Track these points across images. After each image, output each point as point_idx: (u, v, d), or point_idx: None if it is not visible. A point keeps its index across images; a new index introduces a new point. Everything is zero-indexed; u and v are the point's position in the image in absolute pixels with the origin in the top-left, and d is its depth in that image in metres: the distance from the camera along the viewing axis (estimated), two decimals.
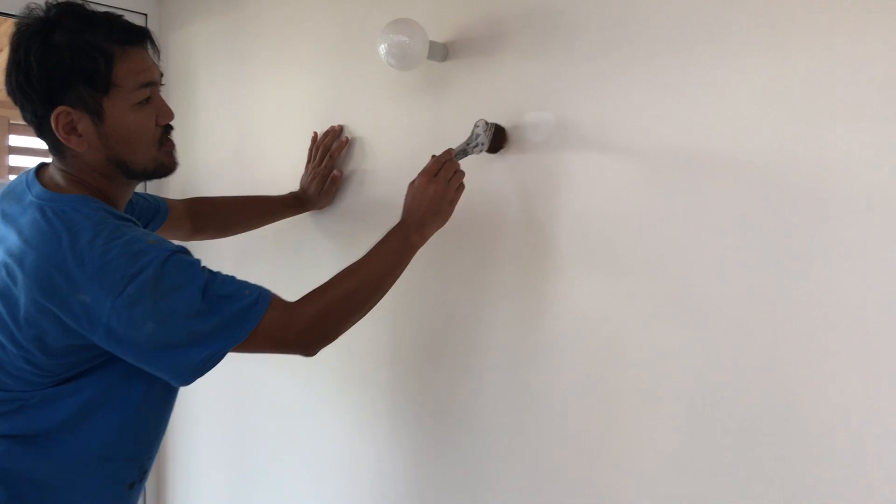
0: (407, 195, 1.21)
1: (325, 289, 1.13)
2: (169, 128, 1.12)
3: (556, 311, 1.21)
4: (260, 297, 1.05)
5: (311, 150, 1.59)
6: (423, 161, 1.41)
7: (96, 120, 1.03)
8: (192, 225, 1.52)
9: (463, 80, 1.36)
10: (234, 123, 1.90)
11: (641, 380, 1.10)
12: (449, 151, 1.24)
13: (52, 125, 1.01)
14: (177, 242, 1.07)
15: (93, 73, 1.00)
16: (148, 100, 1.07)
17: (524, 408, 1.26)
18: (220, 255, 1.90)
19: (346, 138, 1.55)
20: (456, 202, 1.21)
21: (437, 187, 1.17)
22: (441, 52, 1.36)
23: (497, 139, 1.26)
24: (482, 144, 1.25)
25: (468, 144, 1.25)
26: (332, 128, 1.56)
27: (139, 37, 1.05)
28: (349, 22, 1.57)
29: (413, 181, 1.21)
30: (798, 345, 0.94)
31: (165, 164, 1.14)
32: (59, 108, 1.00)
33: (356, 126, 1.56)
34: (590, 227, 1.17)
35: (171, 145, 1.14)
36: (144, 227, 1.39)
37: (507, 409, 1.28)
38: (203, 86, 2.01)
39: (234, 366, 1.88)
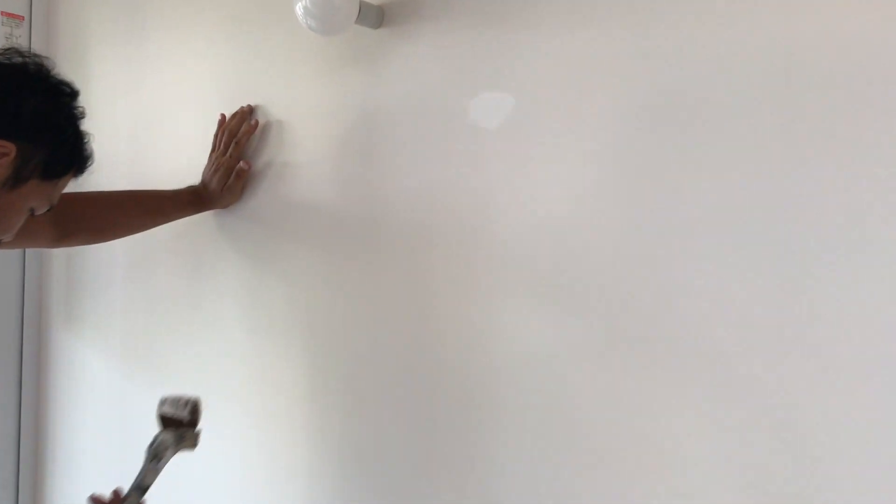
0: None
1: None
2: None
3: (498, 348, 0.96)
4: None
5: (216, 136, 1.29)
6: (351, 152, 1.16)
7: (9, 183, 0.93)
8: (58, 231, 1.21)
9: (402, 52, 1.09)
10: (131, 107, 1.58)
11: (600, 437, 0.87)
12: None
13: None
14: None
15: (61, 158, 0.98)
16: (32, 215, 1.00)
17: (467, 470, 1.00)
18: (110, 261, 1.59)
19: (256, 122, 1.26)
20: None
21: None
22: (375, 15, 1.09)
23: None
24: (172, 450, 0.99)
25: (151, 466, 0.98)
26: (241, 109, 1.27)
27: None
28: None
29: None
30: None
31: None
32: (14, 145, 0.90)
33: (271, 107, 1.28)
34: (546, 243, 0.93)
35: None
36: None
37: (447, 465, 1.02)
38: (96, 63, 1.69)
39: (122, 396, 1.59)
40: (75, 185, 1.08)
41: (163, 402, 1.02)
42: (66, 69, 1.59)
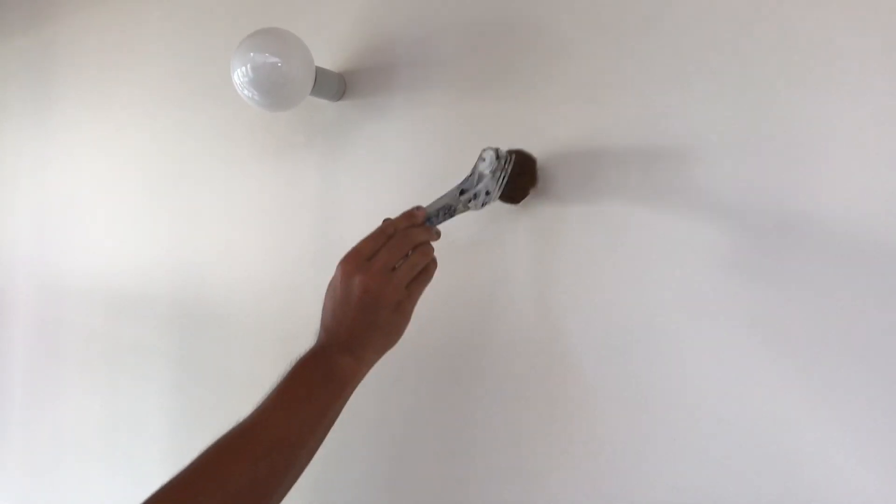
0: (324, 299, 0.67)
1: (185, 488, 0.56)
2: None
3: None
4: None
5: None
6: (304, 246, 0.94)
7: None
8: None
9: (371, 131, 0.88)
10: (35, 189, 1.33)
11: None
12: (412, 214, 0.68)
13: None
14: None
15: None
16: None
17: None
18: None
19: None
20: (411, 304, 0.67)
21: (369, 283, 0.63)
22: (334, 85, 0.89)
23: (521, 179, 0.72)
24: (487, 194, 0.69)
25: (460, 194, 0.69)
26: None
27: None
28: (200, 44, 1.07)
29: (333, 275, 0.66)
30: None
31: None
32: None
33: (207, 193, 1.05)
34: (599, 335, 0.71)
35: None
36: None
37: None
38: None
39: None
40: None
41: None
42: None
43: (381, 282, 0.63)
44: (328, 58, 0.90)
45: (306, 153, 0.93)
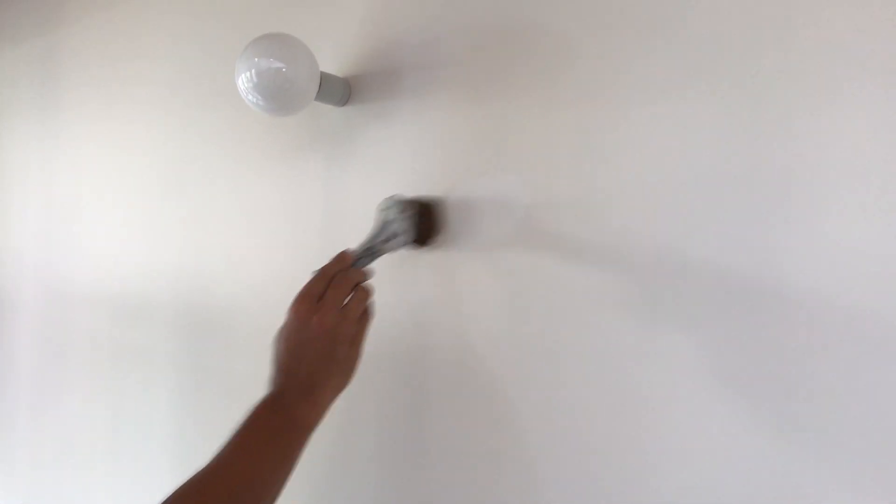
0: (275, 345, 0.69)
1: None
2: None
3: None
4: None
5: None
6: (307, 252, 0.94)
7: None
8: None
9: (376, 136, 0.88)
10: (42, 191, 1.33)
11: None
12: (342, 256, 0.74)
13: None
14: None
15: None
16: None
17: None
18: (12, 385, 1.31)
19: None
20: (362, 338, 0.71)
21: (324, 320, 0.66)
22: (340, 90, 0.89)
23: (425, 223, 0.81)
24: (400, 235, 0.78)
25: (376, 239, 0.78)
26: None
27: None
28: (205, 49, 1.07)
29: (285, 320, 0.69)
30: None
31: None
32: None
33: (212, 197, 1.05)
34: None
35: None
36: None
37: None
38: (3, 134, 1.45)
39: None
40: None
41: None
42: None
43: (336, 318, 0.67)
44: (333, 63, 0.90)
45: (311, 158, 0.93)
